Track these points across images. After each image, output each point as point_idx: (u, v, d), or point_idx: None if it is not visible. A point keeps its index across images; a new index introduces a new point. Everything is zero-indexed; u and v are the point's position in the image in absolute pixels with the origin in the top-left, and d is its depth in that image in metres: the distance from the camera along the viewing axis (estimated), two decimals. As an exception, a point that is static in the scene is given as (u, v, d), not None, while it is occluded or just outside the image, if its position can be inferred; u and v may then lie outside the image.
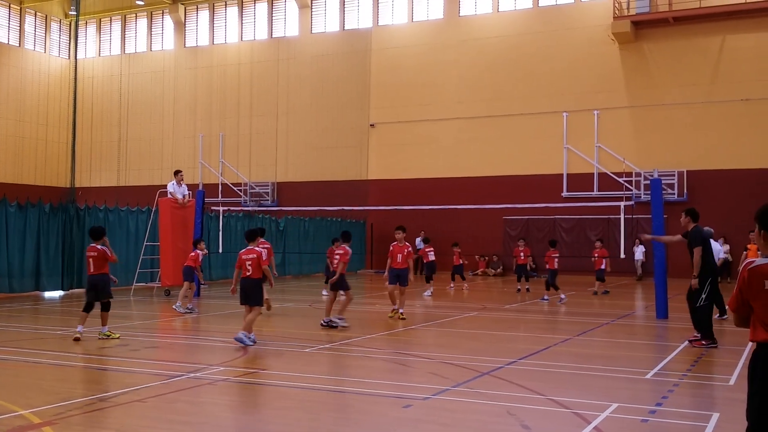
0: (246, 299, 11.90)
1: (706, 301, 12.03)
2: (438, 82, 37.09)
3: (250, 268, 11.85)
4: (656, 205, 16.70)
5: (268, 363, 10.12)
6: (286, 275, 31.87)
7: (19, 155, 43.44)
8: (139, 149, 44.57)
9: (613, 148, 33.17)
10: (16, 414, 7.16)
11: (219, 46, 43.15)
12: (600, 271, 23.23)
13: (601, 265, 23.03)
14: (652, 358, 11.40)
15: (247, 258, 11.89)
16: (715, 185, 31.40)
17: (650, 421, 7.20)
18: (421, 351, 11.34)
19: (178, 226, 21.70)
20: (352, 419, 7.23)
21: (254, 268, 11.86)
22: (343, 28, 40.04)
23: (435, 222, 33.89)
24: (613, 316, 17.29)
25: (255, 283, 11.96)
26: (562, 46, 34.75)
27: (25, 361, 10.22)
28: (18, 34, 44.04)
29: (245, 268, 11.90)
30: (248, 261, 11.87)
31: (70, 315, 16.47)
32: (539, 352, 11.40)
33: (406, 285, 15.64)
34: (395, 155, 37.91)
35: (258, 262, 11.87)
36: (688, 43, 32.67)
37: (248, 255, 11.92)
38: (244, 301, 11.93)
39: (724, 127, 31.73)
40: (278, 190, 40.62)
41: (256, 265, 11.86)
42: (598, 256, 23.12)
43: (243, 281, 12.00)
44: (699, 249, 12.13)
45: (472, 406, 7.74)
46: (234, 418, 7.30)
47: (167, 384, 8.76)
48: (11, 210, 20.73)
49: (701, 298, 12.03)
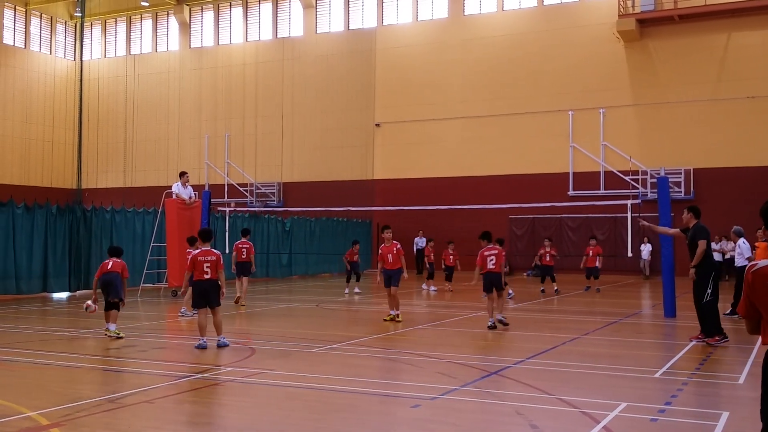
0: (207, 301, 11.59)
1: (712, 297, 12.04)
2: (443, 82, 37.06)
3: (209, 270, 11.54)
4: (663, 203, 16.63)
5: (275, 363, 10.11)
6: (293, 275, 31.91)
7: (25, 157, 43.55)
8: (145, 150, 44.64)
9: (619, 147, 33.09)
10: (24, 416, 7.16)
11: (224, 46, 43.20)
12: (596, 269, 23.14)
13: (595, 263, 22.86)
14: (661, 356, 11.36)
15: (204, 260, 11.56)
16: (722, 183, 31.31)
17: (659, 420, 7.17)
18: (429, 351, 11.32)
19: (184, 227, 21.69)
20: (360, 419, 7.21)
21: (212, 269, 11.55)
22: (347, 28, 40.04)
23: (440, 221, 33.82)
24: (620, 314, 17.25)
25: (215, 284, 11.60)
26: (567, 45, 34.69)
27: (32, 362, 10.23)
28: (24, 36, 44.16)
29: (203, 270, 11.53)
30: (206, 263, 11.54)
31: (77, 316, 16.49)
32: (547, 352, 11.37)
33: (397, 286, 15.03)
34: (400, 155, 37.89)
35: (216, 264, 11.58)
36: (693, 41, 32.58)
37: (206, 257, 11.59)
38: (206, 303, 11.60)
39: (730, 125, 31.65)
40: (284, 190, 40.65)
41: (214, 267, 11.56)
42: (593, 253, 23.03)
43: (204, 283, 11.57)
44: (704, 242, 12.22)
45: (481, 406, 7.72)
46: (241, 418, 7.29)
47: (175, 385, 8.76)
48: (18, 211, 20.78)
49: (707, 294, 12.04)
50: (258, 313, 17.27)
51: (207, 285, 11.53)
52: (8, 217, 20.52)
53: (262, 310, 18.18)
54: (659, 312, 16.94)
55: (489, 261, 14.13)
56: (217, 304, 11.71)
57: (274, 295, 22.97)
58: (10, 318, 16.05)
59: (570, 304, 19.94)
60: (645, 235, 29.84)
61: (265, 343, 12.07)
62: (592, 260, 23.13)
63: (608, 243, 32.07)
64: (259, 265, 29.71)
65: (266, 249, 30.33)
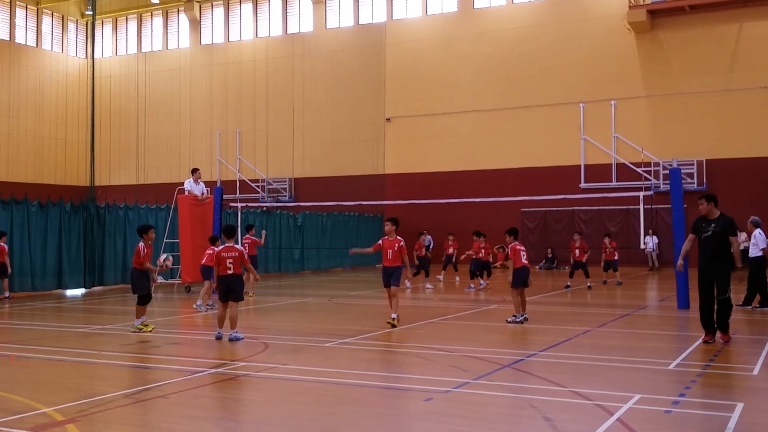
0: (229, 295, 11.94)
1: (728, 295, 11.20)
2: (453, 75, 36.99)
3: (231, 265, 11.90)
4: (676, 194, 16.56)
5: (288, 358, 10.15)
6: (305, 270, 31.97)
7: (38, 155, 43.81)
8: (157, 147, 44.82)
9: (631, 138, 32.96)
10: (40, 411, 7.22)
11: (234, 43, 43.28)
12: (583, 264, 21.97)
13: (583, 258, 21.98)
14: (674, 348, 11.32)
15: (227, 256, 11.89)
16: (735, 174, 31.15)
17: (673, 412, 7.15)
18: (442, 344, 11.33)
19: (197, 223, 21.79)
20: (373, 413, 7.23)
21: (236, 265, 11.94)
22: (357, 22, 40.02)
23: (452, 215, 33.77)
24: (633, 307, 17.20)
25: (239, 279, 12.11)
26: (577, 37, 34.56)
27: (48, 358, 10.31)
28: (35, 34, 44.37)
29: (227, 266, 11.90)
30: (229, 259, 11.87)
31: (92, 313, 16.61)
32: (560, 344, 11.36)
33: (398, 285, 13.78)
34: (412, 149, 37.87)
35: (239, 260, 12.00)
36: (704, 32, 32.38)
37: (229, 252, 11.94)
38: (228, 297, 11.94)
39: (742, 115, 31.46)
40: (295, 185, 40.72)
41: (238, 262, 11.96)
42: (579, 248, 22.09)
43: (227, 278, 11.95)
44: (737, 238, 11.28)
45: (494, 399, 7.73)
46: (255, 413, 7.33)
47: (189, 380, 8.81)
48: (32, 209, 20.92)
49: (729, 290, 11.16)
50: (271, 308, 17.33)
51: (230, 280, 11.93)
52: (23, 215, 20.67)
53: (275, 305, 18.23)
54: (672, 304, 16.88)
55: (522, 256, 14.07)
56: (240, 298, 12.15)
57: (286, 290, 23.03)
58: (26, 315, 16.18)
59: (582, 297, 19.90)
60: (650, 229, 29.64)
61: (278, 338, 12.11)
62: (581, 255, 22.13)
63: (621, 235, 32.00)
64: (271, 260, 29.92)
65: (278, 244, 30.42)
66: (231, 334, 11.77)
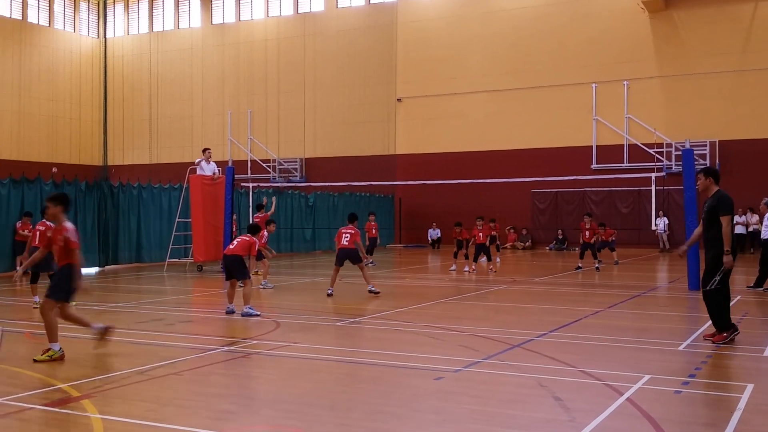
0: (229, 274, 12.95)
1: (719, 284, 9.68)
2: (465, 55, 36.82)
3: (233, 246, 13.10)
4: (688, 175, 16.50)
5: (300, 336, 10.24)
6: (316, 250, 32.09)
7: (52, 135, 43.94)
8: (169, 127, 44.90)
9: (643, 119, 32.78)
10: (56, 387, 7.34)
11: (245, 22, 43.16)
12: (592, 245, 22.02)
13: (592, 239, 22.02)
14: (685, 329, 11.35)
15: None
16: (748, 155, 30.96)
17: (683, 392, 7.19)
18: (452, 324, 11.39)
19: (209, 203, 21.90)
20: (384, 391, 7.31)
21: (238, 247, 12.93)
22: (368, 2, 39.82)
23: (463, 196, 33.77)
24: (644, 288, 17.21)
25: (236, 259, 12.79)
26: (590, 16, 34.29)
27: (63, 335, 10.41)
28: (48, 14, 44.35)
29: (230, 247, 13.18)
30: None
31: (106, 291, 16.76)
32: (570, 325, 11.41)
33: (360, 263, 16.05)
34: (423, 129, 37.80)
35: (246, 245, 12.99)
36: (719, 11, 32.07)
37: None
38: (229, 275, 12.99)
39: (756, 96, 31.22)
40: (306, 165, 40.76)
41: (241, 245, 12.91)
42: (589, 230, 21.99)
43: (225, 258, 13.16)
44: (728, 218, 9.72)
45: (504, 378, 7.79)
46: (267, 390, 7.41)
47: (202, 357, 8.91)
48: (47, 188, 21.05)
49: (714, 280, 9.69)
50: (282, 288, 17.43)
51: (228, 260, 12.97)
52: (36, 194, 20.80)
53: (287, 284, 18.33)
54: (682, 285, 16.89)
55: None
56: (243, 277, 12.72)
57: (298, 270, 23.14)
58: (40, 293, 16.31)
59: (592, 278, 19.91)
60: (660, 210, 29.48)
61: (290, 317, 12.22)
62: (590, 236, 22.02)
63: (632, 216, 31.92)
64: (283, 240, 30.03)
65: (290, 224, 30.52)
66: (243, 310, 12.15)
